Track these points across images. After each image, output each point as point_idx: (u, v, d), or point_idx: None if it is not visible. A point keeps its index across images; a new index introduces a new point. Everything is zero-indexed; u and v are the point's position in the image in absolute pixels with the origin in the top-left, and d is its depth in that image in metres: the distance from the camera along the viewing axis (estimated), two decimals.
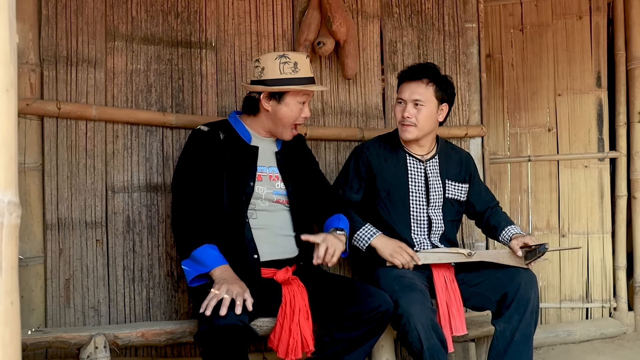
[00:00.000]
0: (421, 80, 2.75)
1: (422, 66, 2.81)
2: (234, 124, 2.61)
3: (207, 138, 2.52)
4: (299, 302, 2.39)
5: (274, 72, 2.47)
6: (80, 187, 2.73)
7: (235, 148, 2.54)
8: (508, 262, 2.72)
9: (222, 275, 2.29)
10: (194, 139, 2.54)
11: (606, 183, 3.95)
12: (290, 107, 2.51)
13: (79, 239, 2.72)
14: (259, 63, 2.52)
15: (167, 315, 2.87)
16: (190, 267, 2.36)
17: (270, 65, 2.48)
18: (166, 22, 2.95)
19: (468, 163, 3.00)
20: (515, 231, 2.80)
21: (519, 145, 4.04)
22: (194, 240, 2.36)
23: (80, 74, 2.75)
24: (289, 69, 2.47)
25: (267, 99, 2.51)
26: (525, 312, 2.58)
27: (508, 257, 2.73)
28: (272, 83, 2.48)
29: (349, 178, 2.87)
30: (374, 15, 3.39)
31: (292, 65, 2.48)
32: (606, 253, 3.93)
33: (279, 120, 2.54)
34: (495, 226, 2.87)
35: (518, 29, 4.03)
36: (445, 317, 2.61)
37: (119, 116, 2.81)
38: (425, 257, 2.72)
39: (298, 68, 2.49)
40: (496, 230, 2.85)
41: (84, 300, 2.72)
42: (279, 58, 2.48)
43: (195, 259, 2.34)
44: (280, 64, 2.47)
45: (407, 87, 2.77)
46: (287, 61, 2.47)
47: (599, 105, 3.92)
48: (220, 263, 2.33)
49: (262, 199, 2.54)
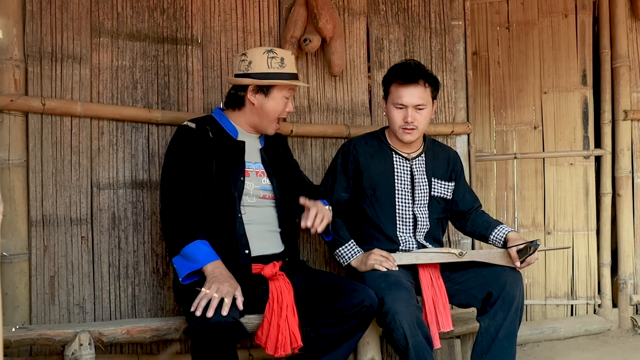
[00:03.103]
0: (418, 83, 2.74)
1: (415, 68, 2.78)
2: (219, 120, 2.62)
3: (195, 134, 2.53)
4: (286, 298, 2.41)
5: (262, 66, 2.52)
6: (65, 183, 2.74)
7: (222, 143, 2.55)
8: (500, 262, 2.72)
9: (213, 273, 2.29)
10: (180, 136, 2.54)
11: (591, 181, 3.99)
12: (277, 101, 2.56)
13: (64, 235, 2.73)
14: (245, 57, 2.55)
15: (152, 312, 2.88)
16: (181, 264, 2.35)
17: (258, 59, 2.52)
18: (152, 18, 2.96)
19: (455, 161, 3.01)
20: (507, 229, 2.79)
21: (505, 142, 4.06)
22: (185, 237, 2.36)
23: (65, 70, 2.76)
24: (276, 64, 2.53)
25: (254, 92, 2.55)
26: (510, 309, 2.61)
27: (500, 257, 2.72)
28: (260, 76, 2.52)
29: (337, 176, 2.87)
30: (361, 12, 3.42)
31: (279, 60, 2.53)
32: (591, 250, 3.97)
33: (265, 114, 2.57)
34: (485, 226, 2.86)
35: (504, 27, 4.05)
36: (431, 313, 2.63)
37: (105, 112, 2.81)
38: (417, 257, 2.72)
39: (285, 63, 2.55)
40: (486, 230, 2.84)
41: (69, 298, 2.73)
42: (267, 53, 2.53)
43: (186, 256, 2.34)
44: (269, 59, 2.52)
45: (405, 91, 2.74)
46: (275, 56, 2.53)
47: (584, 103, 3.96)
48: (212, 259, 2.34)
49: (250, 195, 2.56)
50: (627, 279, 3.92)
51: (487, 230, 2.84)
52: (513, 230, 2.81)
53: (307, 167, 3.24)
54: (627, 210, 3.93)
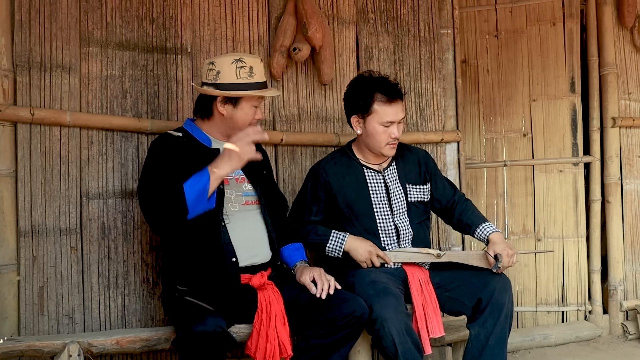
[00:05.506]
0: (401, 98, 2.79)
1: (394, 83, 2.80)
2: (191, 131, 2.61)
3: (171, 143, 2.53)
4: (275, 307, 2.42)
5: (230, 77, 2.49)
6: (54, 193, 2.74)
7: (197, 153, 2.53)
8: (478, 264, 2.74)
9: (222, 154, 2.39)
10: (159, 145, 2.53)
11: (581, 187, 4.03)
12: (245, 111, 2.55)
13: (53, 246, 2.73)
14: (213, 66, 2.52)
15: (142, 322, 2.88)
16: (196, 193, 2.31)
17: (227, 69, 2.50)
18: (141, 27, 2.97)
19: (427, 161, 3.00)
20: (490, 230, 2.78)
21: (494, 150, 4.10)
22: (175, 185, 2.33)
23: (54, 80, 2.76)
24: (245, 74, 2.50)
25: (222, 102, 2.54)
26: (500, 316, 2.62)
27: (478, 259, 2.75)
28: (228, 87, 2.50)
29: (308, 202, 2.87)
30: (350, 21, 3.45)
31: (247, 69, 2.50)
32: (581, 257, 4.01)
33: (235, 124, 2.57)
34: (469, 224, 2.86)
35: (493, 35, 4.10)
36: (421, 319, 2.64)
37: (94, 122, 2.82)
38: (395, 256, 2.77)
39: (253, 73, 2.52)
40: (470, 228, 2.85)
41: (58, 308, 2.73)
42: (235, 62, 2.50)
43: (192, 186, 2.31)
44: (237, 69, 2.50)
45: (392, 109, 2.75)
46: (243, 65, 2.50)
47: (573, 110, 4.01)
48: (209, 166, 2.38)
49: (232, 203, 2.55)
50: (617, 285, 3.95)
51: (470, 228, 2.85)
52: (496, 231, 2.79)
53: (297, 176, 3.25)
54: (616, 217, 3.97)
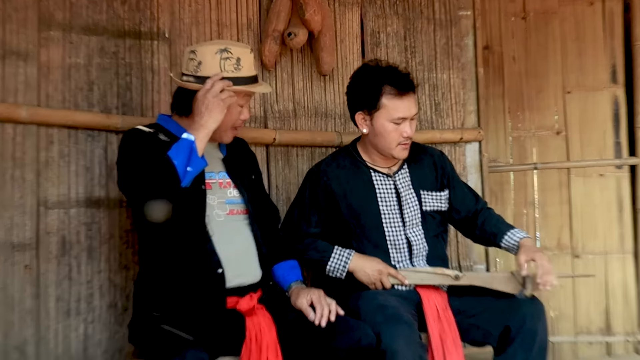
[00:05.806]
0: (414, 91, 2.74)
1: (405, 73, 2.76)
2: (166, 126, 2.55)
3: (148, 139, 2.46)
4: (266, 336, 2.36)
5: (213, 69, 2.44)
6: (6, 202, 2.64)
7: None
8: (504, 288, 2.67)
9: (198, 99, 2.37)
10: (132, 138, 2.47)
11: (625, 194, 3.96)
12: (230, 110, 2.47)
13: (3, 264, 2.62)
14: (195, 55, 2.48)
15: (109, 354, 2.82)
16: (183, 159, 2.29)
17: (210, 60, 2.45)
18: (111, 9, 2.93)
19: (444, 163, 2.96)
20: (521, 235, 2.73)
21: (523, 151, 4.05)
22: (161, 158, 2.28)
23: (7, 69, 2.68)
24: (230, 66, 2.45)
25: None
26: (533, 347, 2.53)
27: (504, 281, 2.68)
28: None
29: (306, 211, 2.82)
30: (354, 1, 3.44)
31: (234, 61, 2.46)
32: (628, 276, 3.92)
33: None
34: (494, 232, 2.80)
35: (520, 17, 4.06)
36: (438, 351, 2.56)
37: (55, 118, 2.76)
38: (407, 277, 2.72)
39: (241, 65, 2.47)
40: (495, 237, 2.79)
41: (6, 340, 2.61)
42: (220, 53, 2.45)
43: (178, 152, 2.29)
44: (222, 60, 2.45)
45: (403, 103, 2.71)
46: (229, 57, 2.45)
47: (614, 103, 3.96)
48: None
49: (215, 210, 2.50)
50: None
51: (496, 237, 2.79)
52: (528, 237, 2.75)
53: (292, 181, 3.23)
54: None
